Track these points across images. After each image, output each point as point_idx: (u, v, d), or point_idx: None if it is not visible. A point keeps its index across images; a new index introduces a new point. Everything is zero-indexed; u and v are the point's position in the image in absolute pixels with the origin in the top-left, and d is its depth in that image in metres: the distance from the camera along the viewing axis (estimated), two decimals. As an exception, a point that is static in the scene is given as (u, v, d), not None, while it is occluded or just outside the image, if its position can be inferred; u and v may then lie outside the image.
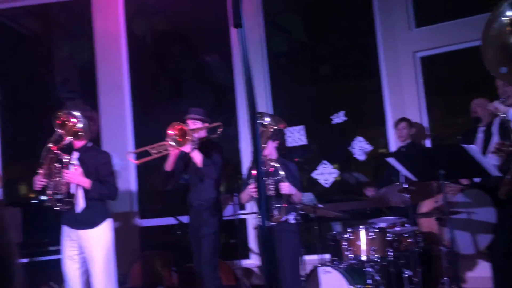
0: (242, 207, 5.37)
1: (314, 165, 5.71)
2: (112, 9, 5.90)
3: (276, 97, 5.82)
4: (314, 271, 3.96)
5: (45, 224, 4.85)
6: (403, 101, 5.52)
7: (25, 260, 4.60)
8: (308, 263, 4.49)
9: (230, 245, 5.71)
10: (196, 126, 4.12)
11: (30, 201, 5.59)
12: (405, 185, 4.23)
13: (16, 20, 6.43)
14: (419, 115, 5.48)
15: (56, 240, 3.85)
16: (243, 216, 5.52)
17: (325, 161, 5.67)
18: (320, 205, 4.52)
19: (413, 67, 5.53)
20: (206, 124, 4.19)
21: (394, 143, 5.52)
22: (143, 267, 5.10)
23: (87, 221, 3.64)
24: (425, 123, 5.52)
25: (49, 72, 6.52)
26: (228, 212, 5.07)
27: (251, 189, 3.74)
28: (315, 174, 5.68)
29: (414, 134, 5.21)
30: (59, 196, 3.64)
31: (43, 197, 3.70)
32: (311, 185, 5.69)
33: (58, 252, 3.83)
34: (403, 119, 5.18)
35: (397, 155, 5.00)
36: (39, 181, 3.59)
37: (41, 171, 3.59)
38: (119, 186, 3.96)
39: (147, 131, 5.93)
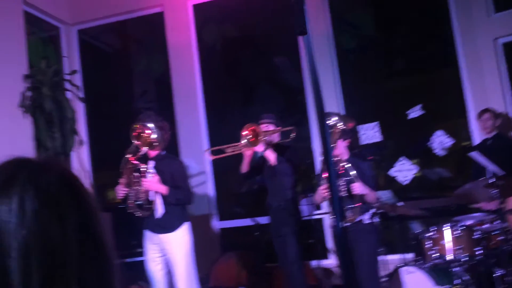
0: (318, 207, 5.33)
1: (391, 162, 5.52)
2: (183, 21, 6.12)
3: (347, 95, 5.70)
4: (396, 271, 3.84)
5: (133, 228, 5.14)
6: (485, 91, 5.18)
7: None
8: (390, 263, 4.36)
9: (308, 245, 5.69)
10: (269, 128, 4.21)
11: (118, 206, 5.94)
12: (492, 180, 3.97)
13: (98, 38, 6.90)
14: (504, 104, 5.12)
15: (142, 242, 4.07)
16: (319, 216, 5.48)
17: (402, 157, 5.47)
18: (399, 203, 4.38)
19: (494, 55, 5.18)
20: (279, 128, 4.26)
21: (478, 135, 5.20)
22: (224, 268, 5.24)
23: (167, 225, 3.80)
24: (511, 113, 5.15)
25: (129, 84, 6.92)
26: (304, 212, 5.06)
27: (322, 190, 3.74)
28: (392, 171, 5.49)
29: (500, 125, 4.88)
30: (139, 203, 3.86)
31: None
32: (389, 183, 5.51)
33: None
34: (486, 110, 4.88)
35: (482, 148, 4.72)
36: (120, 191, 3.83)
37: (121, 181, 3.82)
38: (197, 190, 4.12)
39: (221, 136, 6.08)
